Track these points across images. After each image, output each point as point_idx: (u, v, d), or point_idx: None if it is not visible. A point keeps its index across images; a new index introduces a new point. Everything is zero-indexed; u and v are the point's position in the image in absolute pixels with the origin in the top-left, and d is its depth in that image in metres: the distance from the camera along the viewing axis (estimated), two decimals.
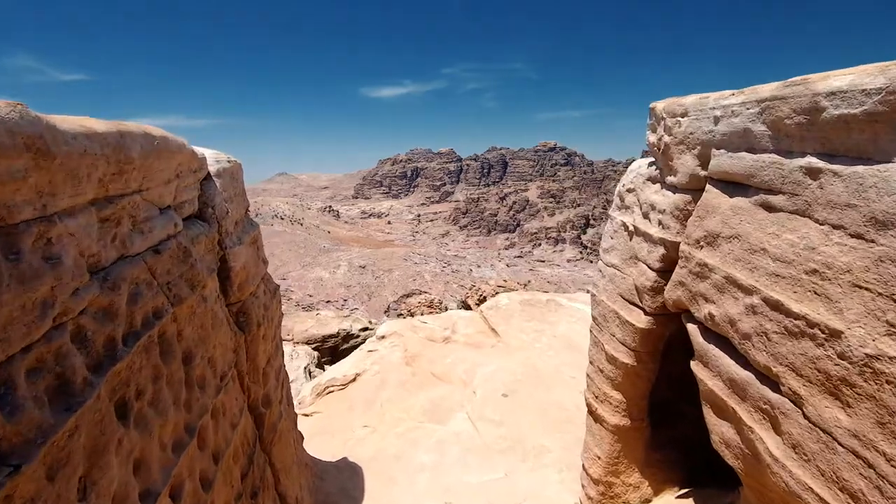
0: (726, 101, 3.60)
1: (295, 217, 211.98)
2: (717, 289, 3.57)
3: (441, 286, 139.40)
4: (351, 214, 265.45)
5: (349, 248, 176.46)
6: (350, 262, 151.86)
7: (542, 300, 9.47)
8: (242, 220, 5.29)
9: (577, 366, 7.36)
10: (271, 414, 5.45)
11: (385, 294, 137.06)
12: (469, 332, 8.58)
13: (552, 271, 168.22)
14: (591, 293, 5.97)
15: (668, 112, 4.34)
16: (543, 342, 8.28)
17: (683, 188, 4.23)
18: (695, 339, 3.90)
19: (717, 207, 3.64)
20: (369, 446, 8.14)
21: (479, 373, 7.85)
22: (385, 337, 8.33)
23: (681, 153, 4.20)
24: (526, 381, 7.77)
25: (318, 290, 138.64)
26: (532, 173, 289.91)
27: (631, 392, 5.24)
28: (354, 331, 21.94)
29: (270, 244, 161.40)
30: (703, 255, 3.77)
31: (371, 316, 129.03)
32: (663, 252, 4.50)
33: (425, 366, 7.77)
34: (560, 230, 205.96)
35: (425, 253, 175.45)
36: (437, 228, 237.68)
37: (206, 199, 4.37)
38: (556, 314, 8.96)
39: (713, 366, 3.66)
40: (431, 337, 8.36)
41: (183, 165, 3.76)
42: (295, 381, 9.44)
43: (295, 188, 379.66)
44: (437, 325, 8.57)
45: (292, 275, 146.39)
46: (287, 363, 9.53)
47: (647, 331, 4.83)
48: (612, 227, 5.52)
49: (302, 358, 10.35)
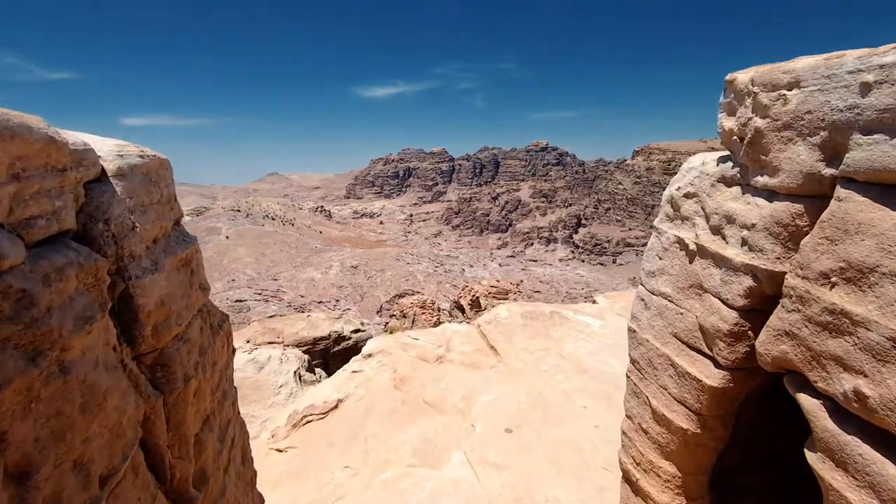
0: (885, 58, 2.28)
1: (286, 217, 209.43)
2: (874, 354, 2.26)
3: (434, 286, 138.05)
4: (343, 214, 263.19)
5: (341, 249, 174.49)
6: (342, 263, 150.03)
7: (545, 313, 8.38)
8: (165, 237, 3.89)
9: (588, 393, 6.50)
10: (208, 493, 4.06)
11: (377, 294, 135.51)
12: (465, 349, 7.46)
13: (544, 271, 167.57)
14: (630, 327, 4.65)
15: (762, 84, 3.01)
16: (549, 363, 7.21)
17: (789, 193, 2.90)
18: (818, 421, 2.59)
19: (869, 225, 2.31)
20: (350, 499, 6.79)
21: (479, 401, 6.74)
22: (372, 355, 7.25)
23: (786, 143, 2.87)
24: (532, 413, 6.67)
25: (309, 290, 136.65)
26: (524, 173, 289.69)
27: (688, 464, 3.91)
28: (346, 332, 20.74)
29: (261, 244, 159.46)
30: (837, 297, 2.45)
31: (363, 316, 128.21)
32: (751, 284, 3.17)
33: (416, 391, 6.77)
34: (552, 230, 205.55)
35: (417, 253, 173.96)
36: (430, 228, 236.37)
37: (94, 211, 2.98)
38: (562, 329, 7.90)
39: (857, 470, 2.35)
40: (423, 356, 7.26)
41: (31, 160, 2.38)
42: (285, 386, 8.14)
43: (286, 188, 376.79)
44: (429, 342, 7.41)
45: (284, 275, 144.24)
46: (277, 368, 8.36)
47: (718, 389, 3.50)
48: (661, 243, 4.19)
49: (292, 362, 9.15)
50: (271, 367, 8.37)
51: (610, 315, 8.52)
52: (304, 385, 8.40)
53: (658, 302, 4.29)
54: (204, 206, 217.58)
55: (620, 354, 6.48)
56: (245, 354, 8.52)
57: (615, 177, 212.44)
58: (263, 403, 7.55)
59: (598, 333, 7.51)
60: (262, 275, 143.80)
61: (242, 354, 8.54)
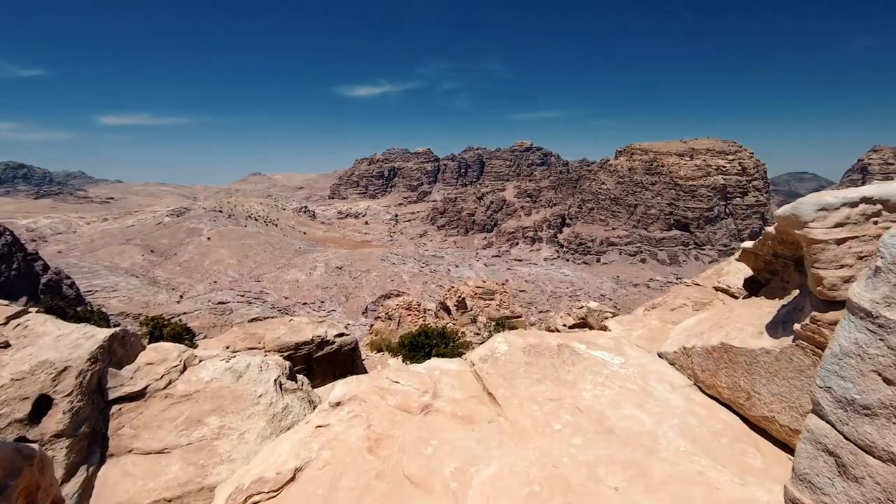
0: None
1: (269, 218, 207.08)
2: None
3: (419, 286, 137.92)
4: (327, 215, 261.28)
5: (326, 249, 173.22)
6: (327, 263, 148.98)
7: (551, 346, 6.88)
8: None
9: (618, 465, 4.75)
10: None
11: (363, 295, 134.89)
12: (457, 396, 6.06)
13: (529, 270, 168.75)
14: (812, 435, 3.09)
15: None
16: (564, 419, 5.53)
17: None
18: None
19: None
20: None
21: (476, 478, 4.87)
22: (341, 404, 5.85)
23: None
24: (549, 501, 4.61)
25: (294, 291, 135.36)
26: (509, 173, 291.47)
27: None
28: (330, 337, 20.43)
29: (244, 246, 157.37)
30: None
31: (349, 317, 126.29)
32: None
33: (396, 457, 5.15)
34: (537, 229, 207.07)
35: (403, 253, 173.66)
36: (415, 228, 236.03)
37: None
38: (574, 370, 6.38)
39: None
40: (405, 405, 5.83)
41: None
42: (265, 395, 7.91)
43: (269, 188, 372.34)
44: (412, 386, 6.09)
45: (267, 277, 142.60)
46: (256, 376, 8.08)
47: None
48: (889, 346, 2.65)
49: (272, 369, 8.82)
50: (250, 376, 8.14)
51: (628, 347, 7.09)
52: (284, 394, 8.23)
53: (885, 473, 2.57)
54: (184, 206, 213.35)
55: (650, 405, 5.48)
56: (223, 363, 8.29)
57: (598, 177, 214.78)
58: (242, 415, 7.35)
59: (619, 375, 6.19)
60: (244, 276, 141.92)
61: (220, 362, 8.31)
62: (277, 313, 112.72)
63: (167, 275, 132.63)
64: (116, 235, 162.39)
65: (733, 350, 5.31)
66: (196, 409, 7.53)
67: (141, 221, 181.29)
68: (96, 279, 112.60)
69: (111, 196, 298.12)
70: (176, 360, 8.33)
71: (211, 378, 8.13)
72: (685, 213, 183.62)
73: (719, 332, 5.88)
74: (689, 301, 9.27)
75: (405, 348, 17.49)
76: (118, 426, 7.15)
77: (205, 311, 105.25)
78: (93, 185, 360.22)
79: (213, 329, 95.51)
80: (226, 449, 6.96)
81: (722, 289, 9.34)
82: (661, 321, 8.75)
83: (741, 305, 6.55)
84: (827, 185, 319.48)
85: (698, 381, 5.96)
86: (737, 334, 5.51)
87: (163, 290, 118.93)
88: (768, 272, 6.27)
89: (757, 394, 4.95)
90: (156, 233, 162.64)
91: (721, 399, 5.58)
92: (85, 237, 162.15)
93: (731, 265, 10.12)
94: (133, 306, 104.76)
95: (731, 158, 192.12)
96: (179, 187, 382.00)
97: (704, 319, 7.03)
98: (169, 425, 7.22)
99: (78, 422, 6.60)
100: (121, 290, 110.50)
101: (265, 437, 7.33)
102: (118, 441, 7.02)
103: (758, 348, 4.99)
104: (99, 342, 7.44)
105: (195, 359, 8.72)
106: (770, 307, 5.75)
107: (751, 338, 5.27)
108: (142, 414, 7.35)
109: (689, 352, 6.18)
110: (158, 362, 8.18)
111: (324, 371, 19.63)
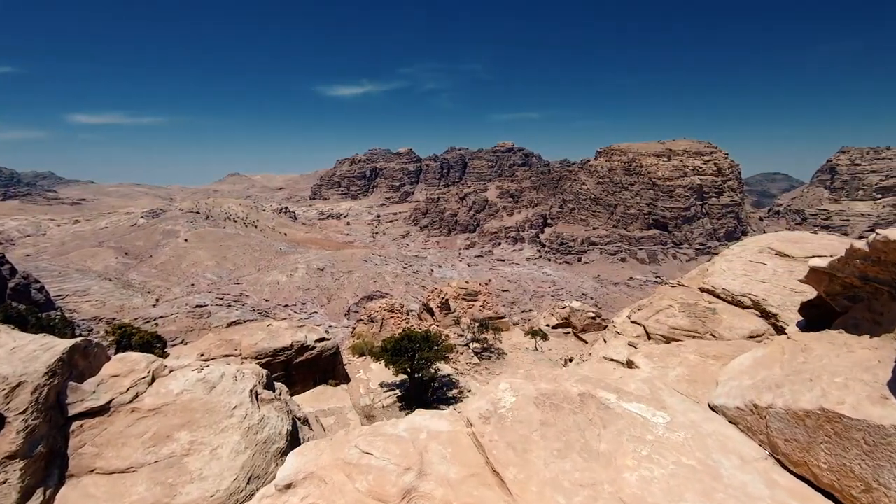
0: None
1: (249, 219, 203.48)
2: None
3: (402, 287, 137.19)
4: (308, 216, 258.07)
5: (307, 251, 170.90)
6: (308, 265, 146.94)
7: (571, 396, 5.14)
8: None
9: None
10: None
11: (345, 296, 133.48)
12: (451, 474, 4.41)
13: (512, 270, 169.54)
14: None
15: None
16: None
17: None
18: None
19: None
20: None
21: None
22: (293, 486, 4.40)
23: None
24: None
25: (274, 294, 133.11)
26: (491, 173, 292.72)
27: None
28: (310, 342, 19.95)
29: (223, 247, 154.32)
30: None
31: (331, 319, 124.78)
32: None
33: None
34: (519, 229, 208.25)
35: (385, 254, 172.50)
36: (398, 229, 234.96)
37: None
38: (608, 434, 4.67)
39: None
40: (380, 490, 4.23)
41: None
42: (239, 407, 7.47)
43: (248, 189, 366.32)
44: (390, 462, 4.50)
45: (247, 279, 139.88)
46: (231, 387, 7.62)
47: None
48: None
49: (248, 379, 8.32)
50: (224, 386, 7.73)
51: (668, 395, 5.57)
52: (260, 405, 7.84)
53: None
54: (160, 207, 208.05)
55: (720, 496, 4.04)
56: (195, 373, 7.85)
57: (579, 177, 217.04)
58: (214, 429, 6.93)
59: (669, 442, 4.63)
60: (223, 279, 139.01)
61: (192, 373, 7.86)
62: (258, 316, 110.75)
63: (142, 278, 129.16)
64: (89, 238, 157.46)
65: (843, 421, 3.87)
66: (165, 423, 7.10)
67: (115, 223, 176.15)
68: (67, 283, 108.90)
69: (83, 197, 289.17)
70: (144, 372, 7.87)
71: (181, 390, 7.69)
72: (663, 213, 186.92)
73: (807, 386, 4.41)
74: (676, 302, 9.20)
75: (388, 353, 17.13)
76: (79, 444, 6.67)
77: (182, 314, 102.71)
78: (63, 185, 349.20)
79: (190, 333, 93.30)
80: (197, 466, 6.55)
81: (707, 290, 9.32)
82: (699, 355, 7.04)
83: (816, 343, 5.14)
84: (798, 184, 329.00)
85: (778, 452, 4.46)
86: (842, 395, 4.05)
87: (138, 293, 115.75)
88: (847, 298, 5.07)
89: (883, 487, 3.59)
90: (130, 235, 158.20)
91: (817, 483, 4.12)
92: (55, 240, 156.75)
93: (714, 265, 10.12)
94: (106, 310, 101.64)
95: (707, 159, 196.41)
96: (155, 188, 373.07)
97: (767, 360, 5.48)
98: (135, 442, 6.77)
99: (33, 441, 6.12)
100: (93, 294, 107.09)
101: (239, 452, 6.94)
102: (79, 460, 6.55)
103: (890, 425, 3.58)
104: (58, 354, 6.94)
105: (165, 369, 8.26)
106: (866, 350, 4.46)
107: (870, 403, 3.83)
108: (105, 430, 6.88)
109: (761, 411, 4.66)
110: (125, 374, 7.71)
111: (304, 377, 19.21)
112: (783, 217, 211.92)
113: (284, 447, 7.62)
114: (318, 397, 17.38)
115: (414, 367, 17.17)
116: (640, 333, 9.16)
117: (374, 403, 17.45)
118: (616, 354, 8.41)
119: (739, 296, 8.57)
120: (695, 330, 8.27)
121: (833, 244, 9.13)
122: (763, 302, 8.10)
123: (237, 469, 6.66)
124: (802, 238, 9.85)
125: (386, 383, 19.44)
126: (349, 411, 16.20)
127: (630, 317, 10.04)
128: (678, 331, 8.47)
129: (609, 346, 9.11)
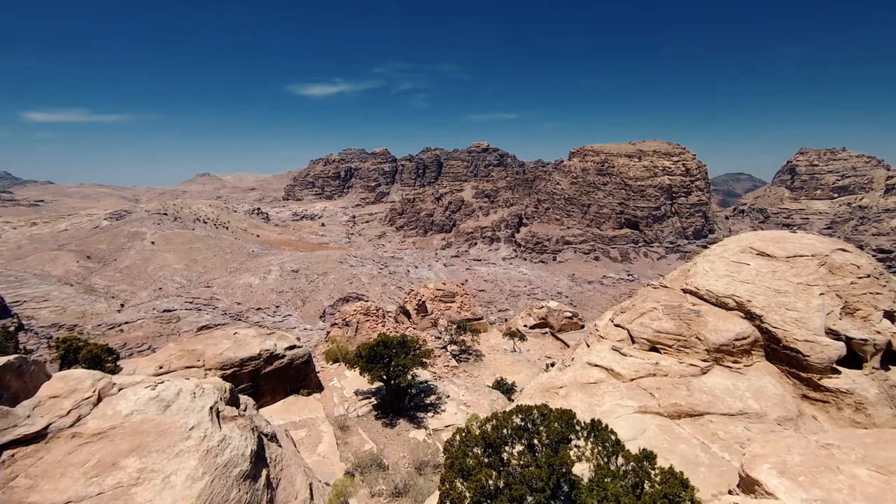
0: None
1: (220, 220, 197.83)
2: None
3: (378, 288, 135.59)
4: (282, 217, 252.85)
5: (280, 252, 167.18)
6: (282, 267, 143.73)
7: None
8: None
9: None
10: None
11: (320, 298, 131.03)
12: None
13: (488, 270, 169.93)
14: None
15: None
16: None
17: None
18: None
19: None
20: None
21: None
22: None
23: None
24: None
25: (247, 297, 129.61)
26: (466, 174, 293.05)
27: None
28: (279, 350, 18.91)
29: (192, 249, 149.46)
30: None
31: (306, 322, 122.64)
32: None
33: None
34: (495, 229, 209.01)
35: (361, 255, 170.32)
36: (373, 230, 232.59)
37: None
38: None
39: None
40: None
41: None
42: (197, 428, 6.77)
43: (219, 189, 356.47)
44: None
45: (218, 282, 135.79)
46: (188, 404, 6.94)
47: None
48: None
49: (209, 395, 7.52)
50: (181, 404, 7.04)
51: None
52: (222, 423, 7.18)
53: None
54: (125, 209, 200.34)
55: None
56: (147, 391, 7.12)
57: (553, 177, 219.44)
58: (168, 453, 6.26)
59: None
60: (193, 282, 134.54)
61: (144, 391, 7.13)
62: (230, 320, 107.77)
63: (106, 282, 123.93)
64: (47, 241, 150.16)
65: None
66: (111, 449, 6.38)
67: (75, 225, 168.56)
68: (24, 288, 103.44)
69: (41, 198, 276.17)
70: (88, 391, 7.10)
71: (131, 410, 6.96)
72: (635, 213, 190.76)
73: None
74: (659, 304, 8.95)
75: (363, 360, 16.45)
76: (10, 476, 5.91)
77: (149, 319, 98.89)
78: (19, 186, 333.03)
79: (158, 339, 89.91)
80: (146, 497, 5.88)
81: (691, 291, 9.11)
82: (873, 468, 4.69)
83: None
84: (760, 184, 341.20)
85: None
86: None
87: (101, 298, 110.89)
88: None
89: None
90: (92, 237, 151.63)
91: None
92: (11, 243, 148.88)
93: (697, 266, 9.93)
94: (67, 317, 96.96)
95: (676, 160, 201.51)
96: (119, 189, 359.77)
97: None
98: (75, 472, 6.05)
99: None
100: (53, 300, 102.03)
101: (196, 479, 6.28)
102: (9, 495, 5.80)
103: None
104: None
105: (114, 387, 7.50)
106: None
107: None
108: (41, 459, 6.14)
109: None
110: (66, 394, 6.94)
111: (273, 388, 18.22)
112: (748, 216, 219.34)
113: (248, 470, 6.97)
114: (289, 408, 16.57)
115: (390, 374, 16.56)
116: (624, 337, 8.86)
117: (349, 413, 16.79)
118: (600, 360, 8.05)
119: (724, 297, 8.37)
120: (680, 333, 8.01)
121: (813, 243, 9.03)
122: (748, 303, 7.90)
123: (193, 498, 6.01)
124: (783, 237, 9.75)
125: (361, 391, 18.76)
126: (322, 422, 15.47)
127: (613, 319, 9.76)
128: (663, 334, 8.20)
129: (592, 350, 8.75)
